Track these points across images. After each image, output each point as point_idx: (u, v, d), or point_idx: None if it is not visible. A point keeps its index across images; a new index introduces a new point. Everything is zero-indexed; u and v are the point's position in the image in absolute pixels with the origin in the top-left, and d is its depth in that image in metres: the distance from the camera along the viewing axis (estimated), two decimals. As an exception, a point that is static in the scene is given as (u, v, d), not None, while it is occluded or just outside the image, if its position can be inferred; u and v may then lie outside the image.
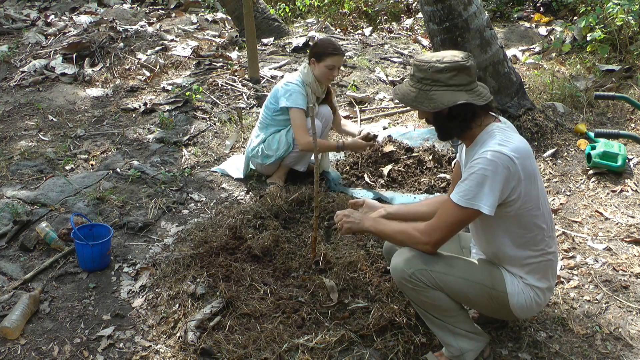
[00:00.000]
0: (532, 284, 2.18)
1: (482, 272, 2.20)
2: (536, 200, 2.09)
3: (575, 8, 7.09)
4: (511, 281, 2.18)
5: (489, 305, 2.24)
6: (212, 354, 2.43)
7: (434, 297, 2.18)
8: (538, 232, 2.13)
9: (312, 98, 3.71)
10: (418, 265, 2.14)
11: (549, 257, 2.18)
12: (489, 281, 2.19)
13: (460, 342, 2.25)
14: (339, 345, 2.45)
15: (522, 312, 2.23)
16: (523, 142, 2.10)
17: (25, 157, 4.26)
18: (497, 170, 1.98)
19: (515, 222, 2.11)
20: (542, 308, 2.36)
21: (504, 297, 2.18)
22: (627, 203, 3.57)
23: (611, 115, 4.71)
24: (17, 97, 5.42)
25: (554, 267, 2.24)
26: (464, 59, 2.08)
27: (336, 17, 8.14)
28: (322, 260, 2.94)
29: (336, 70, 3.63)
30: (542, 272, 2.19)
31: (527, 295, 2.18)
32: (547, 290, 2.23)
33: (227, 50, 6.48)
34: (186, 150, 4.38)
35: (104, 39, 6.26)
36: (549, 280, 2.22)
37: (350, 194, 3.65)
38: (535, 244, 2.14)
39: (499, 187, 1.99)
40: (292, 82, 3.68)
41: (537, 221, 2.12)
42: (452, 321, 2.24)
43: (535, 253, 2.15)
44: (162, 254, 3.17)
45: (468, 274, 2.18)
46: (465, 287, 2.17)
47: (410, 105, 2.15)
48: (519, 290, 2.18)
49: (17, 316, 2.61)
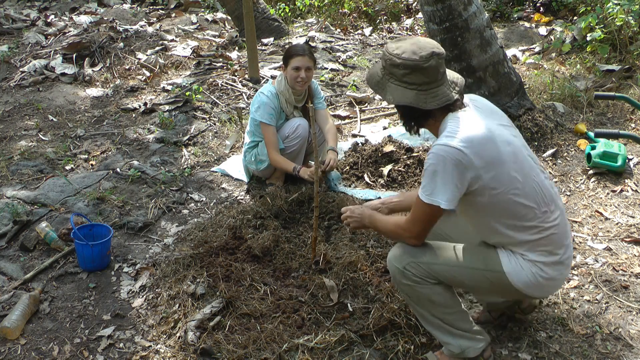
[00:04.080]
0: (534, 259, 2.07)
1: (472, 256, 2.14)
2: (511, 183, 2.00)
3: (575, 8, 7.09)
4: (508, 260, 2.09)
5: (492, 288, 2.17)
6: (212, 354, 2.43)
7: (430, 292, 2.15)
8: (527, 211, 2.03)
9: (287, 107, 3.68)
10: (407, 259, 2.14)
11: (547, 232, 2.06)
12: (481, 263, 2.12)
13: (459, 341, 2.24)
14: (339, 345, 2.45)
15: (531, 289, 2.10)
16: (481, 129, 2.00)
17: (25, 157, 4.26)
18: (445, 165, 1.94)
19: (496, 208, 2.04)
20: (557, 283, 2.16)
21: (503, 277, 2.09)
22: (627, 203, 3.57)
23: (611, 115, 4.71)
24: (17, 97, 5.42)
25: (557, 240, 2.09)
26: (424, 58, 1.99)
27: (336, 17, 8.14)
28: (322, 260, 2.94)
29: (302, 71, 3.51)
30: (543, 247, 2.07)
31: (529, 272, 2.07)
32: (553, 264, 2.09)
33: (227, 50, 6.49)
34: (186, 150, 4.38)
35: (104, 39, 6.26)
36: (554, 254, 2.08)
37: (351, 194, 3.65)
38: (528, 223, 2.05)
39: (453, 181, 1.95)
40: (264, 92, 3.63)
41: (521, 201, 2.02)
42: (451, 319, 2.21)
43: (531, 232, 2.05)
44: (162, 254, 3.17)
45: (457, 260, 2.13)
46: (458, 274, 2.13)
47: (370, 87, 2.15)
48: (518, 268, 2.07)
49: (17, 316, 2.61)
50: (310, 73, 3.59)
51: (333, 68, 5.93)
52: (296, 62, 3.52)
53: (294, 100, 3.66)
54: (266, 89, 3.66)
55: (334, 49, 6.46)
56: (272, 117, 3.60)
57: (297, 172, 3.54)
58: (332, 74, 5.81)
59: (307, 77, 3.55)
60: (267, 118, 3.58)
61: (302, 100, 3.71)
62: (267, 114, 3.58)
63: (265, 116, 3.58)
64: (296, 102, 3.69)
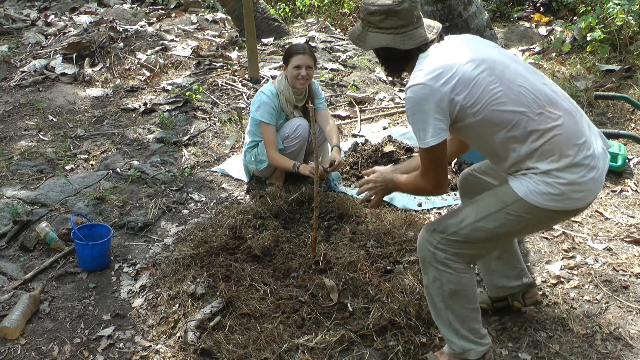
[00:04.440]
0: (546, 169, 2.00)
1: (488, 202, 2.12)
2: (489, 95, 1.99)
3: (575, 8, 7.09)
4: (520, 184, 2.04)
5: (523, 223, 2.08)
6: (212, 354, 2.43)
7: (456, 281, 2.14)
8: (517, 117, 2.00)
9: (287, 106, 3.68)
10: (437, 237, 2.14)
11: (550, 134, 2.00)
12: (498, 203, 2.08)
13: (462, 342, 2.23)
14: (339, 345, 2.45)
15: (558, 202, 2.01)
16: (444, 56, 2.03)
17: (25, 157, 4.26)
18: (417, 104, 2.00)
19: (486, 124, 2.03)
20: (586, 187, 2.02)
21: (523, 204, 2.03)
22: (627, 203, 3.57)
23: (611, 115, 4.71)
24: (17, 97, 5.42)
25: (564, 141, 2.01)
26: (395, 3, 2.09)
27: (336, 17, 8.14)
28: (322, 260, 2.94)
29: (303, 69, 3.52)
30: (551, 152, 2.01)
31: (544, 185, 2.00)
32: (567, 168, 2.00)
33: (227, 50, 6.48)
34: (186, 150, 4.38)
35: (104, 39, 6.26)
36: (565, 157, 2.00)
37: (351, 194, 3.65)
38: (525, 130, 2.01)
39: (431, 115, 1.99)
40: (264, 92, 3.64)
41: (508, 108, 2.00)
42: (464, 316, 2.20)
43: (532, 139, 2.01)
44: (162, 254, 3.17)
45: (478, 214, 2.11)
46: (485, 227, 2.09)
47: (352, 42, 2.24)
48: (532, 186, 2.01)
49: (17, 316, 2.61)
50: (311, 72, 3.60)
51: (333, 68, 5.93)
52: (297, 60, 3.52)
53: (294, 99, 3.66)
54: (266, 88, 3.66)
55: (334, 49, 6.46)
56: (272, 116, 3.60)
57: (297, 169, 3.54)
58: (332, 74, 5.81)
59: (307, 75, 3.56)
60: (267, 117, 3.58)
61: (302, 100, 3.71)
62: (267, 114, 3.58)
63: (266, 115, 3.58)
64: (296, 102, 3.69)
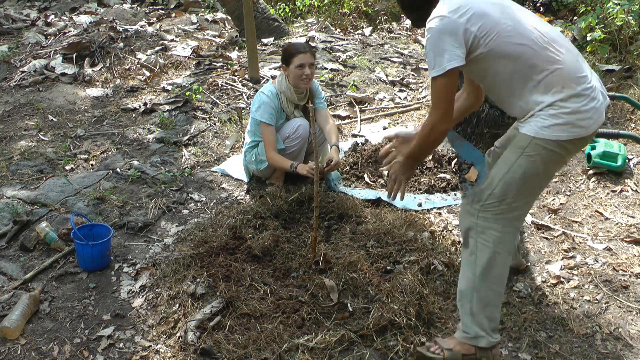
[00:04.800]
0: (550, 101, 2.16)
1: (505, 157, 2.26)
2: (500, 27, 2.16)
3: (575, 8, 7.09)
4: (529, 126, 2.19)
5: (544, 161, 2.21)
6: (212, 354, 2.43)
7: (492, 257, 2.25)
8: (524, 49, 2.17)
9: (288, 106, 3.68)
10: (476, 207, 2.28)
11: (553, 67, 2.17)
12: (515, 152, 2.22)
13: (476, 328, 2.31)
14: (339, 345, 2.45)
15: (565, 131, 2.16)
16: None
17: (25, 157, 4.25)
18: (436, 35, 2.15)
19: (496, 54, 2.18)
20: (587, 115, 2.17)
21: (538, 141, 2.17)
22: (627, 203, 3.57)
23: (611, 115, 4.71)
24: (17, 97, 5.42)
25: (566, 74, 2.17)
26: None
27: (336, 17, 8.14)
28: (322, 260, 2.94)
29: (307, 67, 3.52)
30: (554, 85, 2.16)
31: (550, 117, 2.16)
32: (570, 98, 2.15)
33: (227, 50, 6.48)
34: (186, 150, 4.38)
35: (104, 39, 6.26)
36: (568, 88, 2.16)
37: (351, 194, 3.65)
38: (530, 62, 2.17)
39: (448, 42, 2.13)
40: (264, 92, 3.64)
41: (516, 41, 2.17)
42: (488, 299, 2.30)
43: (537, 71, 2.17)
44: (162, 254, 3.17)
45: (501, 171, 2.24)
46: (513, 176, 2.21)
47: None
48: (539, 123, 2.17)
49: (17, 316, 2.61)
50: (313, 69, 3.61)
51: (333, 68, 5.93)
52: (299, 59, 3.51)
53: (296, 98, 3.66)
54: (267, 88, 3.66)
55: (334, 49, 6.46)
56: (272, 116, 3.60)
57: (295, 169, 3.54)
58: (332, 74, 5.81)
59: (311, 73, 3.57)
60: (267, 118, 3.58)
61: (304, 99, 3.71)
62: (267, 114, 3.58)
63: (266, 116, 3.58)
64: (298, 100, 3.69)
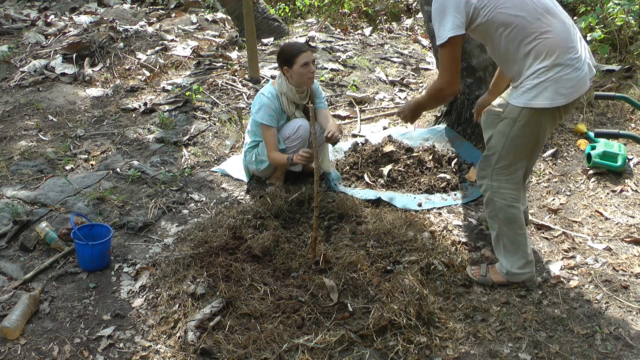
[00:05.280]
0: (535, 69, 2.43)
1: (501, 127, 2.57)
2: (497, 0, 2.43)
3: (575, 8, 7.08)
4: (516, 98, 2.49)
5: (536, 127, 2.51)
6: (212, 354, 2.43)
7: (507, 208, 2.68)
8: (518, 20, 2.43)
9: (289, 107, 3.67)
10: (487, 173, 2.68)
11: (544, 36, 2.42)
12: (509, 123, 2.53)
13: (511, 262, 2.77)
14: (339, 345, 2.45)
15: (548, 97, 2.42)
16: None
17: (25, 157, 4.25)
18: (440, 6, 2.44)
19: (493, 23, 2.45)
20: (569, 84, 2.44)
21: (526, 111, 2.46)
22: (627, 203, 3.57)
23: (611, 115, 4.71)
24: (17, 97, 5.42)
25: (554, 44, 2.42)
26: None
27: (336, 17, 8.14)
28: (322, 260, 2.94)
29: (311, 65, 3.53)
30: (542, 52, 2.42)
31: (534, 86, 2.44)
32: (553, 67, 2.41)
33: (227, 50, 6.48)
34: (186, 150, 4.38)
35: (104, 39, 6.26)
36: (550, 56, 2.41)
37: (351, 194, 3.65)
38: (524, 32, 2.43)
39: (451, 13, 2.41)
40: (264, 94, 3.64)
41: (511, 12, 2.43)
42: (518, 240, 2.73)
43: (529, 40, 2.43)
44: (162, 254, 3.17)
45: (501, 140, 2.58)
46: (513, 142, 2.55)
47: None
48: (526, 95, 2.46)
49: (17, 316, 2.61)
50: (315, 66, 3.61)
51: (333, 68, 5.93)
52: (304, 58, 3.50)
53: (298, 98, 3.66)
54: (267, 90, 3.66)
55: (334, 49, 6.46)
56: (273, 118, 3.60)
57: (292, 161, 3.53)
58: (332, 74, 5.81)
59: (314, 70, 3.59)
60: (268, 119, 3.58)
61: (305, 98, 3.70)
62: (267, 116, 3.58)
63: (266, 117, 3.58)
64: (300, 100, 3.69)
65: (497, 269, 2.86)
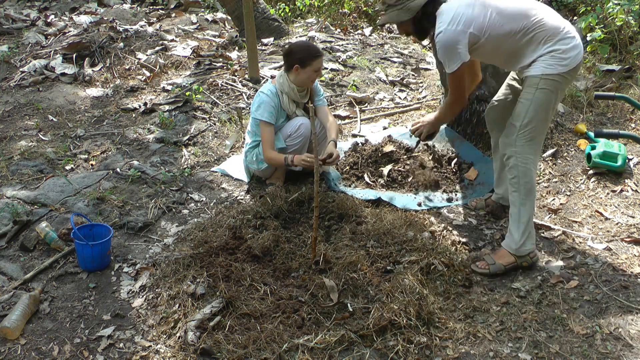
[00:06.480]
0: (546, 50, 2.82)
1: (524, 97, 2.89)
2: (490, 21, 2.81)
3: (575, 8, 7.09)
4: (535, 69, 2.85)
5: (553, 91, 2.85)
6: (212, 354, 2.43)
7: (531, 175, 2.94)
8: (511, 28, 2.83)
9: (289, 106, 3.68)
10: (513, 134, 2.93)
11: (537, 26, 2.82)
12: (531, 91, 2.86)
13: (523, 237, 2.93)
14: (339, 345, 2.45)
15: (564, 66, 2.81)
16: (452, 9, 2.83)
17: (25, 157, 4.25)
18: (446, 45, 2.83)
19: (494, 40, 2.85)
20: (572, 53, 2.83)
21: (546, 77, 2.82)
22: (627, 203, 3.57)
23: (611, 115, 4.71)
24: (17, 97, 5.42)
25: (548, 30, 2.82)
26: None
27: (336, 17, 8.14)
28: (322, 260, 2.94)
29: (320, 71, 3.64)
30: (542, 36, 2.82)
31: (551, 59, 2.81)
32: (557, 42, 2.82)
33: (227, 50, 6.48)
34: (186, 150, 4.38)
35: (104, 39, 6.26)
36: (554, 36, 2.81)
37: (351, 194, 3.65)
38: (517, 35, 2.83)
39: (460, 47, 2.81)
40: (264, 91, 3.64)
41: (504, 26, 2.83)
42: (531, 214, 2.96)
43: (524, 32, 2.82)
44: (162, 254, 3.17)
45: (525, 107, 2.88)
46: (538, 106, 2.86)
47: (394, 22, 3.05)
48: (544, 64, 2.82)
49: (17, 316, 2.61)
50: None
51: (333, 68, 5.93)
52: (318, 63, 3.54)
53: (299, 96, 3.67)
54: (266, 88, 3.67)
55: (334, 49, 6.46)
56: (272, 115, 3.60)
57: (291, 162, 3.52)
58: (332, 74, 5.80)
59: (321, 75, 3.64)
60: (267, 117, 3.58)
61: (305, 96, 3.71)
62: (267, 113, 3.58)
63: (266, 115, 3.58)
64: (300, 98, 3.69)
65: (504, 248, 3.00)
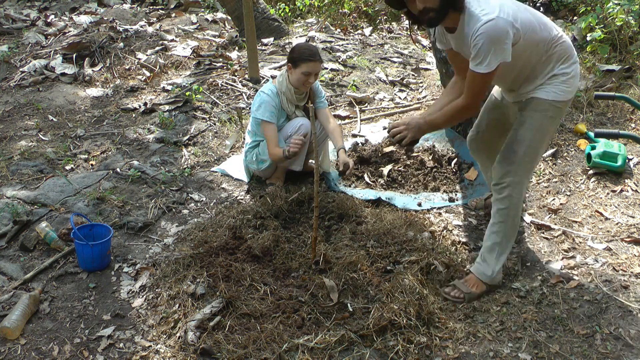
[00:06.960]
0: (560, 71, 2.64)
1: (529, 122, 2.69)
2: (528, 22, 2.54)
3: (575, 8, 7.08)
4: (545, 92, 2.65)
5: (555, 119, 2.72)
6: (212, 354, 2.43)
7: (519, 207, 2.79)
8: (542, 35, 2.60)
9: (288, 106, 3.68)
10: (510, 169, 2.70)
11: (560, 41, 2.64)
12: (537, 117, 2.68)
13: (497, 267, 2.79)
14: (339, 345, 2.45)
15: (569, 93, 2.68)
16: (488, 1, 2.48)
17: (25, 157, 4.25)
18: (497, 38, 2.40)
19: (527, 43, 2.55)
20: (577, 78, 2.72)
21: (555, 104, 2.65)
22: (627, 203, 3.57)
23: (611, 115, 4.71)
24: (17, 97, 5.42)
25: (567, 46, 2.66)
26: None
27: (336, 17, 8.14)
28: (322, 260, 2.94)
29: (312, 77, 3.54)
30: (562, 54, 2.65)
31: (561, 84, 2.65)
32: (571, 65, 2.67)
33: (227, 50, 6.48)
34: (186, 150, 4.38)
35: (104, 39, 6.26)
36: (570, 57, 2.67)
37: (351, 194, 3.65)
38: (546, 42, 2.61)
39: (506, 41, 2.42)
40: (265, 91, 3.64)
41: (538, 29, 2.59)
42: (509, 246, 2.83)
43: (551, 45, 2.62)
44: (162, 254, 3.17)
45: (530, 132, 2.69)
46: (541, 135, 2.70)
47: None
48: (554, 89, 2.65)
49: (17, 316, 2.61)
50: (317, 78, 3.63)
51: (333, 68, 5.93)
52: (308, 67, 3.51)
53: (296, 99, 3.66)
54: (267, 87, 3.67)
55: (334, 49, 6.46)
56: (273, 114, 3.60)
57: (288, 152, 3.50)
58: (332, 74, 5.81)
59: (314, 81, 3.60)
60: (268, 116, 3.58)
61: (303, 99, 3.71)
62: (268, 112, 3.58)
63: (267, 114, 3.58)
64: (298, 101, 3.69)
65: (476, 276, 2.81)
